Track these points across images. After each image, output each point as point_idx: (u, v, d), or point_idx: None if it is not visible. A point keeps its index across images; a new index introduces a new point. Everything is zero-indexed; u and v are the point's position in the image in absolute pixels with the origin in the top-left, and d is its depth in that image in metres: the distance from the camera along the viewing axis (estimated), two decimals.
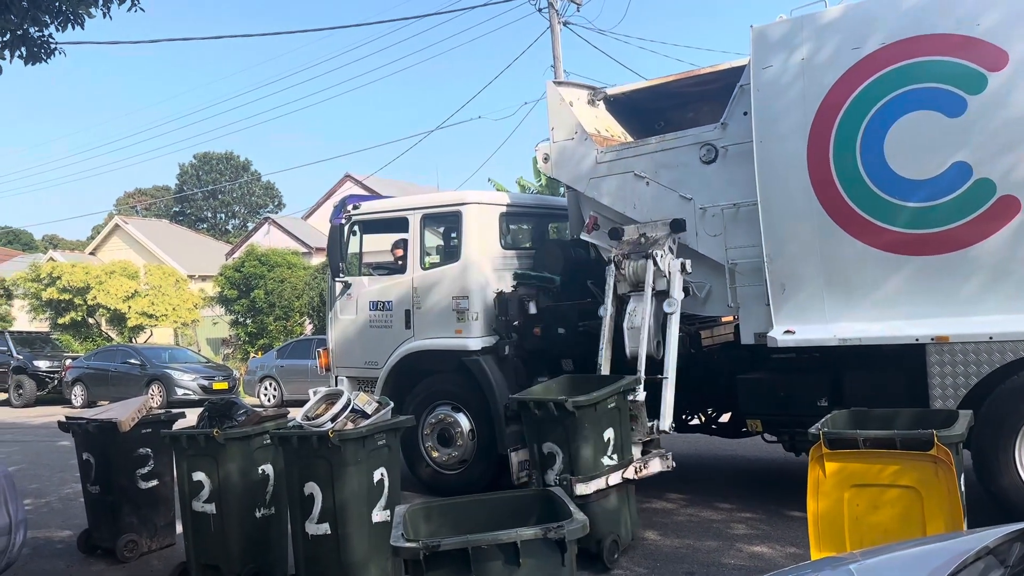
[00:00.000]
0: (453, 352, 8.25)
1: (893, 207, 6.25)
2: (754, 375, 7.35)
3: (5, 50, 6.87)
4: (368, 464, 5.30)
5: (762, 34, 6.77)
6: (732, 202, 7.06)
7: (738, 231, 7.03)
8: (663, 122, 8.94)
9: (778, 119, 6.68)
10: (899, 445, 4.06)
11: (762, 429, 7.43)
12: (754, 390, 7.27)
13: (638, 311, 7.11)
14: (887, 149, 6.23)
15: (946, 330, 6.06)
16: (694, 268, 7.35)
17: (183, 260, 36.30)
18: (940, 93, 6.02)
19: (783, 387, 7.06)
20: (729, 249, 7.10)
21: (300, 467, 5.30)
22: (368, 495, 5.27)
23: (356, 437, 5.23)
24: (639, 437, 6.70)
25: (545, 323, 8.02)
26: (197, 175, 63.34)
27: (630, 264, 7.24)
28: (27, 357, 22.95)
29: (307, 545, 5.29)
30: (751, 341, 7.04)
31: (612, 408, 6.23)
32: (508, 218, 8.82)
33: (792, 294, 6.71)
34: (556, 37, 18.99)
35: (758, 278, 6.90)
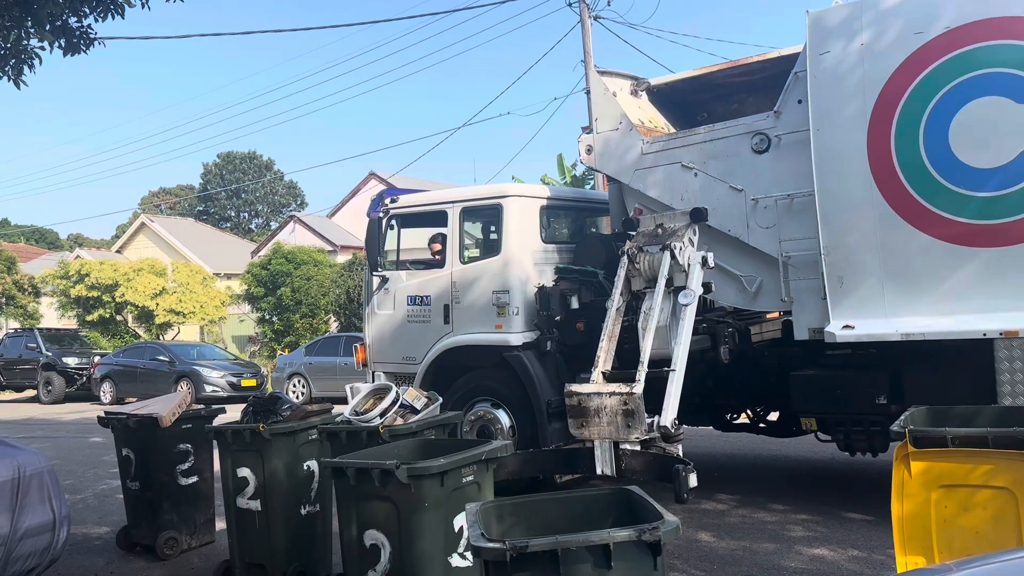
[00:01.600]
0: (494, 347, 8.08)
1: (959, 197, 6.04)
2: (808, 372, 7.13)
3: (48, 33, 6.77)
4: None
5: (819, 19, 6.58)
6: (786, 193, 6.84)
7: (792, 223, 6.81)
8: (706, 113, 8.76)
9: (836, 107, 6.48)
10: (991, 443, 3.82)
11: (817, 428, 7.21)
12: (809, 387, 7.05)
13: (655, 310, 6.70)
14: (952, 137, 6.03)
15: (1016, 324, 5.85)
16: (744, 262, 7.14)
17: (209, 258, 36.42)
18: (1008, 78, 5.83)
19: (840, 384, 6.84)
20: (783, 241, 6.87)
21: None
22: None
23: (406, 433, 5.07)
24: (636, 435, 6.27)
25: (588, 318, 7.76)
26: (221, 174, 63.70)
27: (645, 257, 6.88)
28: (56, 354, 23.06)
29: None
30: (805, 336, 6.80)
31: (470, 483, 4.37)
32: (548, 211, 8.64)
33: (851, 288, 6.49)
34: (587, 32, 18.76)
35: (813, 271, 6.69)
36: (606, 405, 6.31)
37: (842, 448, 7.35)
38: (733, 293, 7.29)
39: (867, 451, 7.21)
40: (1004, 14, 5.84)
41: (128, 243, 41.42)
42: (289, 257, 26.80)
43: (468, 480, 4.31)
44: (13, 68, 7.34)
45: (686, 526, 6.60)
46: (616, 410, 6.27)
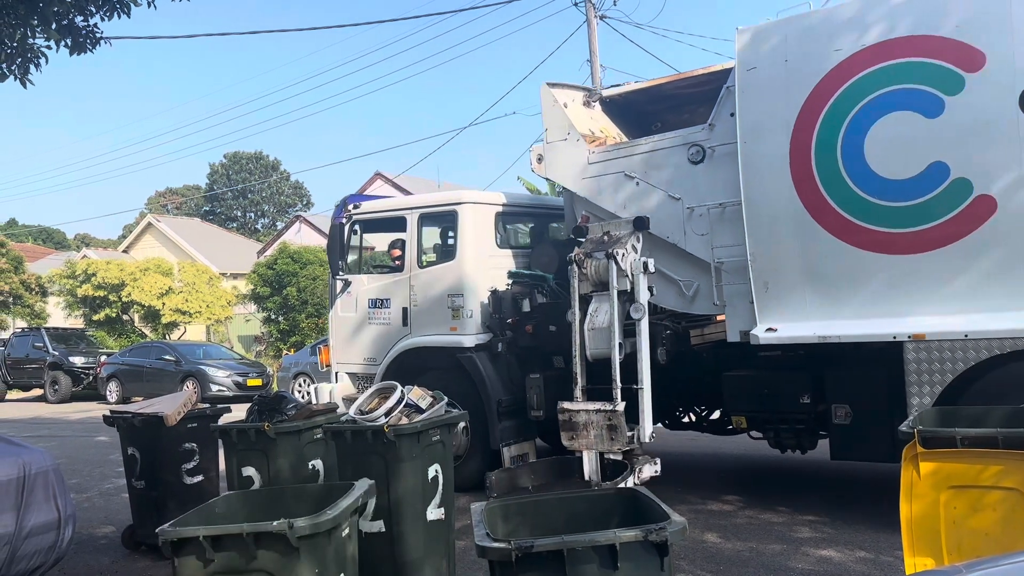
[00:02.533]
0: (448, 349, 8.42)
1: (873, 206, 6.31)
2: (738, 372, 7.41)
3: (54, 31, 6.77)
4: (423, 460, 5.14)
5: (747, 36, 6.86)
6: (718, 202, 7.12)
7: (724, 230, 7.10)
8: (660, 123, 9.03)
9: (762, 120, 6.75)
10: (1002, 444, 3.78)
11: (746, 426, 7.53)
12: (738, 387, 7.37)
13: (600, 311, 7.01)
14: (867, 150, 6.29)
15: (923, 328, 6.14)
16: (682, 267, 7.42)
17: (215, 258, 36.48)
18: (919, 94, 6.09)
19: (767, 384, 7.15)
20: (715, 248, 7.17)
21: (354, 463, 5.13)
22: (423, 492, 5.11)
23: (411, 432, 5.06)
24: (619, 447, 6.69)
25: (537, 321, 8.08)
26: (227, 174, 63.80)
27: (592, 263, 7.11)
28: (63, 353, 23.12)
29: (361, 543, 5.11)
30: (736, 339, 7.08)
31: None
32: (504, 218, 8.94)
33: (775, 292, 6.79)
34: (592, 31, 18.74)
35: (743, 277, 6.96)
36: (592, 420, 6.84)
37: (772, 445, 7.63)
38: (673, 297, 7.58)
39: (796, 448, 7.50)
40: (914, 33, 6.10)
41: (135, 243, 41.52)
42: (295, 257, 26.83)
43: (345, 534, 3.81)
44: (19, 67, 7.34)
45: (693, 527, 6.58)
46: (602, 425, 6.76)
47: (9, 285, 30.08)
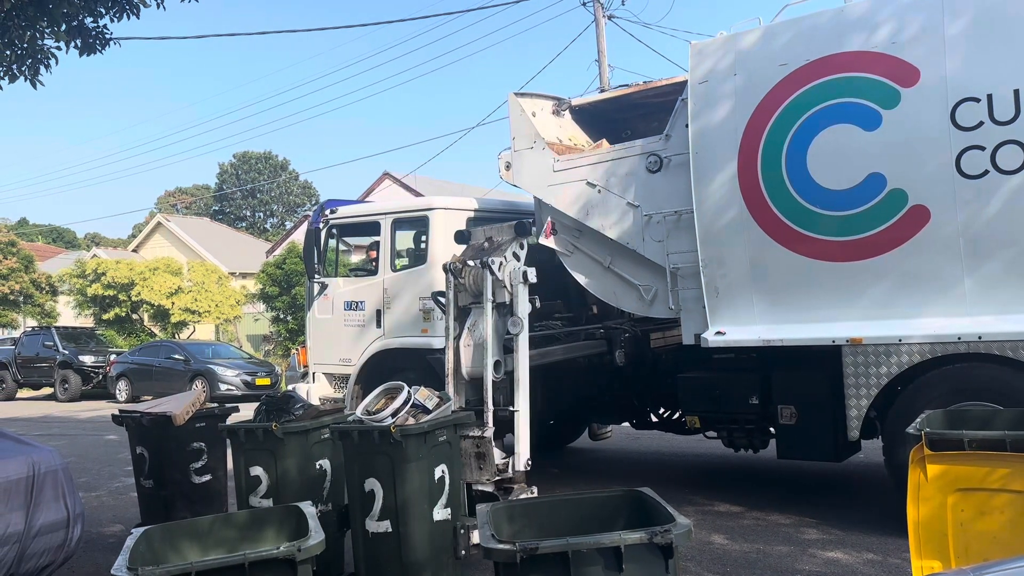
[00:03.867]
0: (419, 350, 8.56)
1: (814, 215, 6.51)
2: (691, 374, 7.64)
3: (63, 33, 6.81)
4: (429, 461, 5.15)
5: (699, 50, 7.10)
6: (674, 209, 7.33)
7: (679, 237, 7.31)
8: (630, 131, 9.20)
9: (712, 131, 6.96)
10: (1009, 447, 3.77)
11: (700, 426, 7.75)
12: (691, 388, 7.62)
13: (479, 325, 6.67)
14: (810, 160, 6.50)
15: (860, 332, 6.35)
16: (641, 272, 7.61)
17: (224, 257, 36.58)
18: (858, 107, 6.29)
19: (718, 385, 7.38)
20: (671, 254, 7.39)
21: (360, 463, 5.15)
22: (430, 492, 5.12)
23: (418, 433, 5.07)
24: (487, 477, 6.28)
25: None
26: (236, 174, 63.99)
27: (469, 272, 6.82)
28: (72, 352, 23.24)
29: (367, 543, 5.14)
30: (692, 342, 7.29)
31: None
32: (475, 223, 8.95)
33: (725, 297, 7.02)
34: (601, 31, 18.73)
35: (697, 282, 7.18)
36: (461, 447, 6.07)
37: (726, 445, 7.85)
38: (634, 301, 7.81)
39: (748, 448, 7.69)
40: (853, 48, 6.32)
41: (144, 242, 41.68)
42: None
43: None
44: (30, 68, 7.38)
45: (699, 529, 6.57)
46: (469, 452, 6.36)
47: (20, 284, 30.28)
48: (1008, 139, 5.79)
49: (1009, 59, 5.80)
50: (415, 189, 29.58)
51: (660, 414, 8.90)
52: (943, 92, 5.98)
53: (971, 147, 5.91)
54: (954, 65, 5.96)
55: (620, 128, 9.38)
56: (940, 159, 6.01)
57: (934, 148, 6.03)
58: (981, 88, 5.87)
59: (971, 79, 5.91)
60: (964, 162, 5.94)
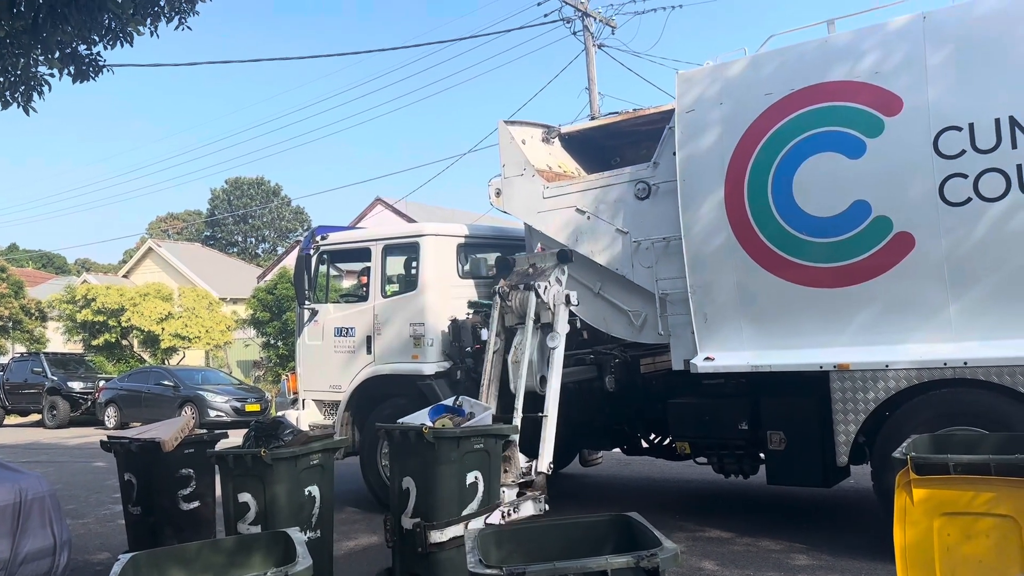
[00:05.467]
0: (409, 376, 8.57)
1: (801, 242, 6.62)
2: (681, 399, 7.66)
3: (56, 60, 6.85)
4: (461, 465, 5.47)
5: (686, 79, 7.23)
6: (662, 236, 7.44)
7: (668, 263, 7.41)
8: (619, 158, 9.33)
9: (699, 159, 7.07)
10: (994, 471, 3.80)
11: (690, 451, 7.76)
12: (681, 414, 7.63)
13: (524, 345, 7.21)
14: (795, 188, 6.61)
15: (847, 358, 6.40)
16: (631, 298, 7.72)
17: (215, 283, 36.49)
18: (842, 136, 6.42)
19: (707, 411, 7.40)
20: (660, 280, 7.48)
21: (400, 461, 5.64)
22: (460, 496, 5.48)
23: (451, 437, 5.39)
24: (512, 479, 6.56)
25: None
26: (228, 200, 63.99)
27: (516, 295, 7.34)
28: (61, 378, 23.10)
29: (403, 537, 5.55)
30: (681, 367, 7.34)
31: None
32: (466, 249, 9.16)
33: (714, 323, 7.08)
34: (591, 60, 18.94)
35: (686, 308, 7.24)
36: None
37: (716, 470, 7.82)
38: (623, 327, 7.90)
39: (738, 474, 7.69)
40: (838, 78, 6.45)
41: (135, 268, 41.56)
42: None
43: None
44: (23, 95, 7.41)
45: (690, 554, 6.57)
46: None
47: (9, 310, 30.09)
48: (990, 167, 5.90)
49: (989, 89, 5.91)
50: (407, 215, 29.65)
51: (650, 440, 8.91)
52: (926, 121, 6.10)
53: (954, 175, 6.02)
54: (936, 94, 6.07)
55: (609, 155, 9.50)
56: (924, 187, 6.11)
57: (918, 176, 6.13)
58: (963, 117, 5.98)
59: (953, 108, 6.02)
60: (947, 190, 6.04)
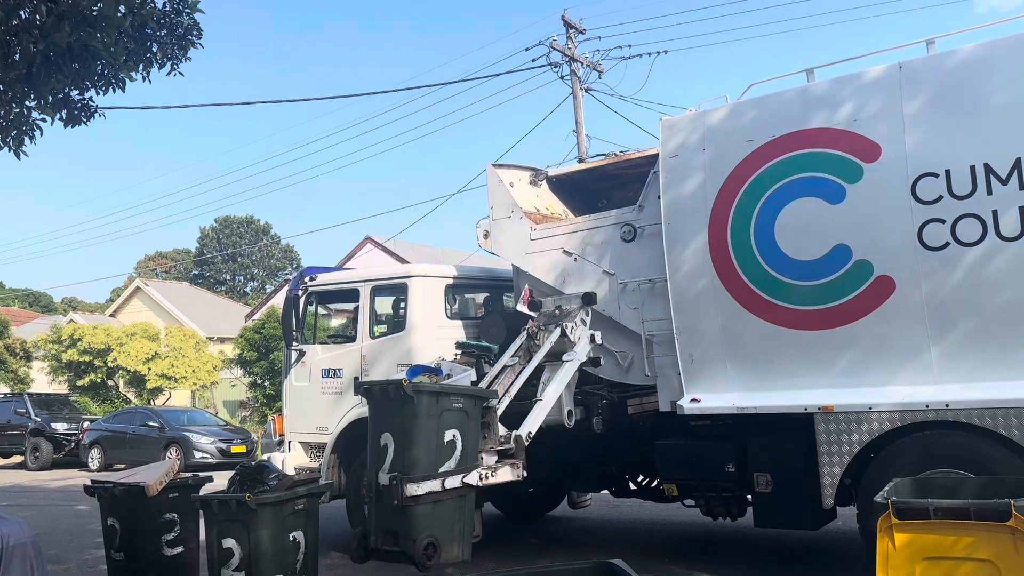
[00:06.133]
0: None
1: (784, 285, 6.72)
2: (668, 441, 7.63)
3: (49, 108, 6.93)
4: (439, 421, 5.74)
5: (670, 126, 7.41)
6: (648, 278, 7.54)
7: (654, 305, 7.49)
8: (606, 200, 9.44)
9: (683, 203, 7.20)
10: (973, 515, 3.85)
11: (678, 494, 7.74)
12: (668, 455, 7.61)
13: (552, 381, 7.36)
14: (778, 232, 6.74)
15: (831, 400, 6.45)
16: (618, 339, 7.80)
17: (202, 322, 36.37)
18: (822, 182, 6.55)
19: (694, 453, 7.41)
20: (646, 321, 7.56)
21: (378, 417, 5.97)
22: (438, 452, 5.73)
23: (430, 392, 5.65)
24: (491, 446, 6.65)
25: None
26: (218, 238, 64.03)
27: (545, 335, 7.51)
28: (45, 419, 22.83)
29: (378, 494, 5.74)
30: (668, 408, 7.37)
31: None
32: (455, 290, 9.22)
33: (700, 364, 7.13)
34: (578, 103, 19.22)
35: (672, 349, 7.29)
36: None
37: (704, 513, 7.81)
38: (611, 367, 7.93)
39: (726, 516, 7.67)
40: (818, 125, 6.61)
41: (122, 307, 41.39)
42: None
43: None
44: (14, 139, 7.47)
45: None
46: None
47: None
48: (966, 213, 6.01)
49: (964, 137, 6.06)
50: (397, 254, 29.74)
51: (639, 482, 8.88)
52: (903, 167, 6.23)
53: (932, 220, 6.13)
54: (913, 142, 6.22)
55: (596, 197, 9.60)
56: (903, 232, 6.22)
57: (897, 221, 6.25)
58: (939, 164, 6.11)
59: (930, 155, 6.16)
60: (926, 234, 6.15)
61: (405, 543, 5.62)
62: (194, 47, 8.08)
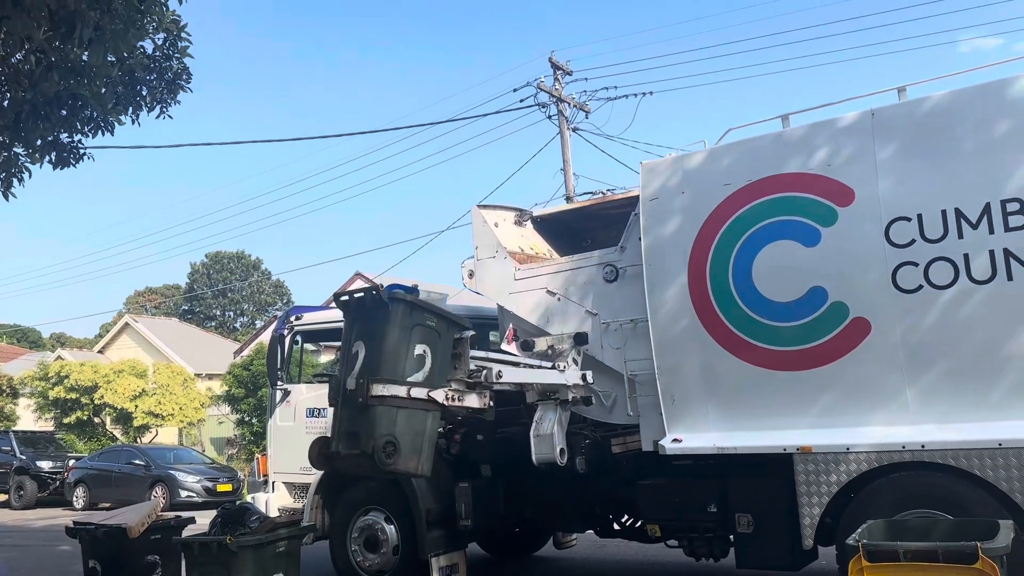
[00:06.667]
0: None
1: (762, 326, 6.80)
2: (651, 481, 7.62)
3: (36, 154, 7.02)
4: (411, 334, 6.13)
5: (650, 169, 7.56)
6: (630, 318, 7.61)
7: (636, 344, 7.54)
8: (590, 240, 9.56)
9: (663, 245, 7.33)
10: (942, 558, 3.91)
11: (661, 534, 7.68)
12: (650, 496, 7.60)
13: (545, 419, 7.47)
14: (755, 274, 6.85)
15: (810, 441, 6.49)
16: (601, 378, 7.82)
17: (191, 358, 36.22)
18: (798, 225, 6.69)
19: (676, 493, 7.40)
20: (629, 361, 7.60)
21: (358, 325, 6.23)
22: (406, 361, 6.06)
23: (406, 302, 6.01)
24: (461, 375, 6.76)
25: (466, 430, 8.28)
26: (208, 274, 63.96)
27: None
28: (30, 457, 22.63)
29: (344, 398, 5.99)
30: (651, 448, 7.38)
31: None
32: None
33: (681, 404, 7.18)
34: (566, 142, 19.47)
35: (654, 389, 7.32)
36: None
37: (687, 554, 7.75)
38: (595, 407, 7.92)
39: (709, 556, 7.61)
40: (793, 170, 6.76)
41: (111, 343, 41.19)
42: None
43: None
44: (3, 181, 7.56)
45: None
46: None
47: None
48: (939, 256, 6.13)
49: (935, 182, 6.20)
50: None
51: (623, 522, 8.87)
52: (877, 211, 6.37)
53: (905, 263, 6.25)
54: (886, 187, 6.36)
55: (581, 237, 9.68)
56: (877, 274, 6.34)
57: (871, 264, 6.37)
58: (912, 208, 6.25)
59: (902, 200, 6.29)
60: (900, 277, 6.26)
61: (365, 443, 5.73)
62: (183, 91, 8.23)
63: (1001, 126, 6.02)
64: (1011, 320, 5.88)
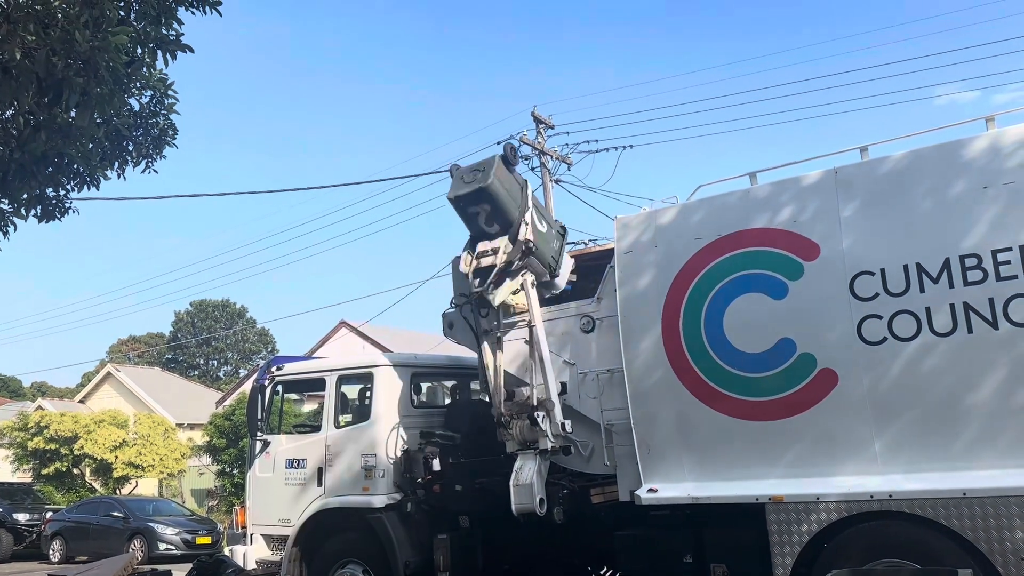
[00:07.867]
0: (358, 510, 8.52)
1: (734, 377, 6.94)
2: (628, 532, 7.64)
3: (22, 208, 7.14)
4: None
5: (624, 224, 7.78)
6: (606, 368, 7.73)
7: (613, 394, 7.64)
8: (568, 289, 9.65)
9: (637, 297, 7.50)
10: None
11: None
12: (627, 547, 7.63)
13: (524, 468, 7.58)
14: (726, 325, 7.01)
15: (781, 490, 6.58)
16: (579, 428, 7.89)
17: (173, 408, 35.92)
18: (766, 278, 6.88)
19: (652, 544, 7.44)
20: (605, 411, 7.69)
21: None
22: None
23: None
24: None
25: (445, 480, 8.31)
26: (192, 322, 63.70)
27: (516, 424, 7.71)
28: (6, 509, 22.26)
29: None
30: (627, 498, 7.43)
31: None
32: (421, 378, 9.33)
33: (656, 454, 7.26)
34: (548, 194, 19.75)
35: (630, 439, 7.39)
36: None
37: None
38: (574, 457, 7.98)
39: None
40: (760, 226, 6.97)
41: (92, 392, 40.81)
42: None
43: None
44: None
45: None
46: None
47: None
48: (902, 309, 6.32)
49: (897, 238, 6.42)
50: (372, 338, 29.79)
51: (601, 573, 8.86)
52: (841, 266, 6.56)
53: (870, 316, 6.43)
54: (850, 242, 6.57)
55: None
56: (843, 326, 6.51)
57: (837, 316, 6.54)
58: (875, 263, 6.45)
59: (866, 255, 6.50)
60: (864, 329, 6.43)
61: None
62: (170, 146, 8.40)
63: (958, 184, 6.27)
64: (972, 372, 6.04)
